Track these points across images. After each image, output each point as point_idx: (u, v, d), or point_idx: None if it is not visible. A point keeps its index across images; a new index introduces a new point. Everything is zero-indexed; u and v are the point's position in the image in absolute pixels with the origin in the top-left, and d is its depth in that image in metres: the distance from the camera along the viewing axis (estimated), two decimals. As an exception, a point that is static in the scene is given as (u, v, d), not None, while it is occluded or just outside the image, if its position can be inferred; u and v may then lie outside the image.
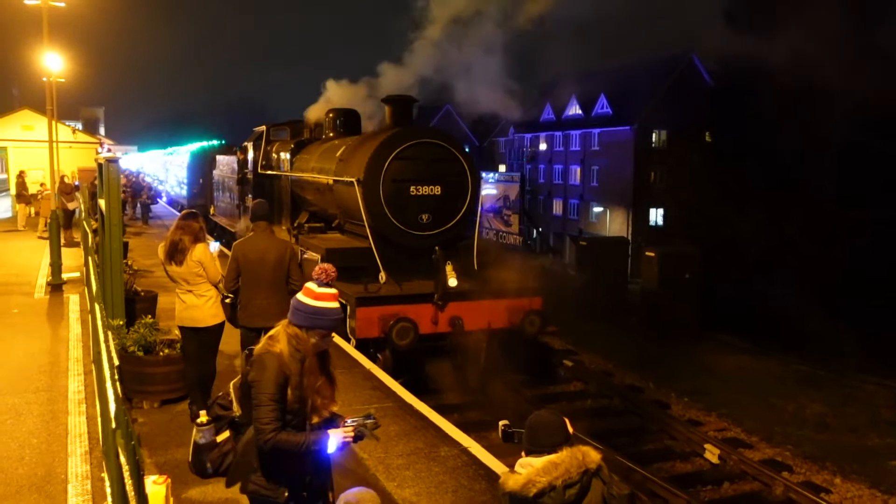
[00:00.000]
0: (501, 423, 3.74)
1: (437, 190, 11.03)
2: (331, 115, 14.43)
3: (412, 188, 10.93)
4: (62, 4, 16.30)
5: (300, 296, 3.43)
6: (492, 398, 11.74)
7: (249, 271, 6.42)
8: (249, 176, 17.18)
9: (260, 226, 6.58)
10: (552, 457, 2.82)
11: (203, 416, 3.29)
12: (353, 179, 10.92)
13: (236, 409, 3.33)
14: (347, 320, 10.18)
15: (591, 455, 2.85)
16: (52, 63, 16.90)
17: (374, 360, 9.75)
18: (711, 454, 11.82)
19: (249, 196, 17.03)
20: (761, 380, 17.52)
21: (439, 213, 11.06)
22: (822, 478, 11.73)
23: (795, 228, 25.80)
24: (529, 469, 2.83)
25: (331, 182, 12.10)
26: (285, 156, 15.15)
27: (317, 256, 11.21)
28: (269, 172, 16.06)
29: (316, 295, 3.37)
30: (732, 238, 27.19)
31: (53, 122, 16.94)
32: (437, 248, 10.34)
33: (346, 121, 14.22)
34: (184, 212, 7.19)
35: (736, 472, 11.44)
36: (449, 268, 10.28)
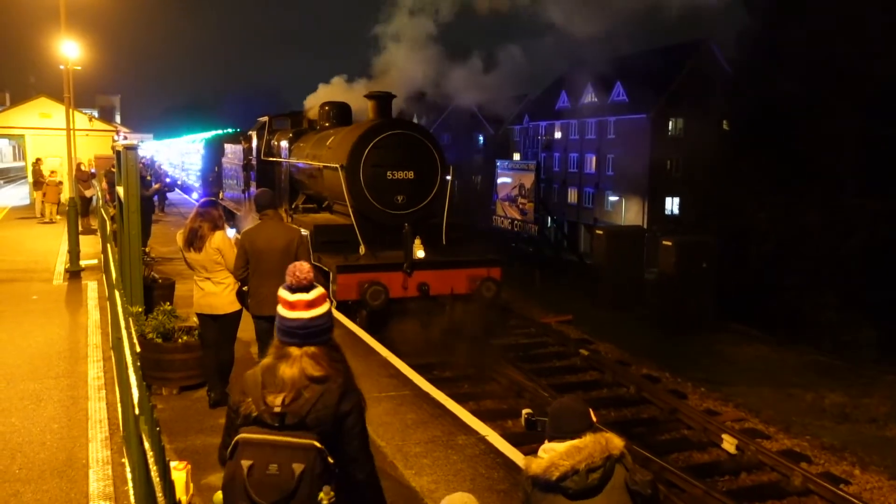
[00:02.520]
0: (524, 411, 3.72)
1: (411, 174, 12.65)
2: (326, 107, 16.01)
3: (389, 173, 12.55)
4: (79, -8, 16.36)
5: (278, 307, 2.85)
6: (455, 356, 13.34)
7: (257, 259, 6.39)
8: (253, 162, 18.69)
9: (268, 214, 6.54)
10: (575, 441, 2.84)
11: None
12: (337, 165, 12.51)
13: None
14: (329, 285, 11.57)
15: (615, 441, 2.86)
16: (70, 51, 16.92)
17: (354, 318, 11.24)
18: (729, 444, 11.76)
19: (253, 182, 18.59)
20: (779, 370, 17.38)
21: (413, 195, 12.67)
22: (841, 469, 11.63)
23: (814, 218, 25.50)
24: (552, 453, 2.84)
25: (321, 167, 13.65)
26: (284, 144, 16.70)
27: (306, 232, 12.61)
28: (270, 159, 17.59)
29: (289, 303, 2.78)
30: (750, 228, 26.95)
31: (71, 111, 16.96)
32: (406, 224, 11.85)
33: (339, 112, 15.78)
34: (203, 199, 7.20)
35: (754, 462, 11.36)
36: (417, 241, 11.95)
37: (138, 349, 3.59)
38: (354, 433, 2.73)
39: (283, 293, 2.78)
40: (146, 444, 2.60)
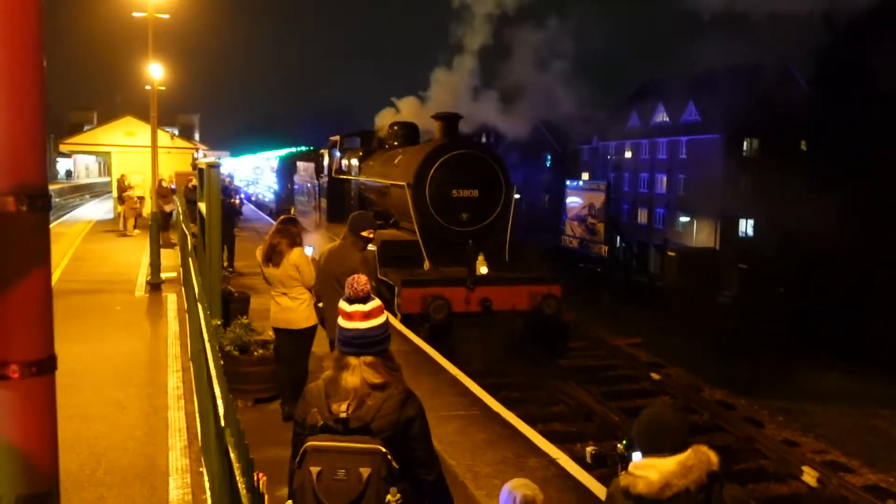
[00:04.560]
0: (589, 449, 3.65)
1: (476, 193, 12.96)
2: (395, 127, 16.55)
3: (454, 191, 12.87)
4: (166, 16, 17.10)
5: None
6: (514, 368, 13.53)
7: (323, 279, 6.50)
8: (325, 179, 19.24)
9: (346, 235, 6.60)
10: (681, 458, 2.69)
11: None
12: (404, 183, 12.89)
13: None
14: (395, 298, 11.85)
15: (713, 456, 2.73)
16: (155, 73, 17.69)
17: (417, 332, 11.37)
18: (810, 477, 11.25)
19: (324, 198, 19.14)
20: (862, 401, 16.58)
21: (477, 212, 12.98)
22: (931, 508, 10.99)
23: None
24: (662, 472, 2.68)
25: (389, 185, 14.08)
26: (355, 162, 17.33)
27: (374, 248, 12.72)
28: (341, 177, 18.16)
29: (347, 314, 2.86)
30: (830, 253, 25.93)
31: (155, 129, 17.69)
32: (469, 241, 12.14)
33: (406, 132, 16.30)
34: (282, 216, 7.39)
35: (836, 497, 10.84)
36: (480, 258, 12.20)
37: (222, 362, 3.67)
38: (422, 437, 2.81)
39: (341, 304, 2.89)
40: (232, 456, 2.63)
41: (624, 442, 3.06)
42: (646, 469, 2.71)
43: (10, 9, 0.99)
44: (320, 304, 6.70)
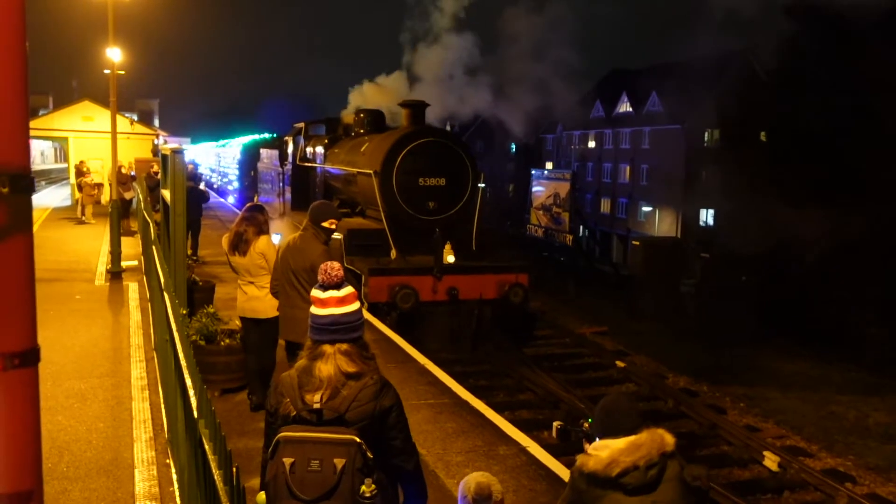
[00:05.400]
0: (556, 423, 3.75)
1: (442, 181, 12.89)
2: (361, 114, 16.34)
3: (420, 179, 12.79)
4: (126, -2, 16.63)
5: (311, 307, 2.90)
6: (481, 357, 13.72)
7: (285, 275, 5.88)
8: (289, 167, 19.04)
9: (306, 225, 5.96)
10: (633, 438, 2.87)
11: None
12: (371, 171, 12.77)
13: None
14: (361, 287, 11.72)
15: (668, 437, 2.94)
16: (114, 56, 17.22)
17: (384, 320, 11.32)
18: (771, 462, 11.50)
19: (288, 186, 18.92)
20: (821, 386, 16.98)
21: (444, 201, 12.92)
22: (888, 490, 11.30)
23: (858, 231, 24.93)
24: (611, 449, 2.86)
25: (355, 173, 13.95)
26: (320, 150, 17.07)
27: (340, 236, 12.84)
28: (305, 164, 17.94)
29: (321, 301, 2.82)
30: (789, 241, 26.44)
31: (115, 114, 17.25)
32: (436, 229, 11.99)
33: (373, 119, 16.10)
34: (249, 204, 7.26)
35: (797, 480, 11.08)
36: (447, 247, 12.22)
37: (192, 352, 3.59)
38: (400, 426, 2.81)
39: (315, 292, 2.85)
40: (207, 448, 2.57)
41: (590, 420, 3.20)
42: (599, 449, 2.91)
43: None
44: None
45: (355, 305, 2.85)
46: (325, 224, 5.88)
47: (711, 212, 41.69)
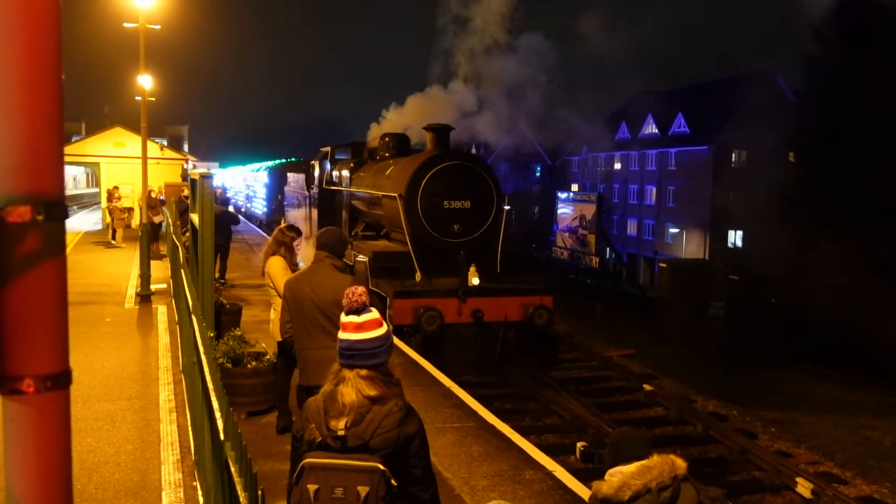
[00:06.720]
0: (580, 444, 3.81)
1: (467, 204, 12.99)
2: (386, 138, 16.45)
3: (445, 202, 12.89)
4: (158, 27, 17.06)
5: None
6: (506, 379, 13.79)
7: (299, 312, 5.22)
8: (315, 191, 19.17)
9: (319, 255, 5.31)
10: (644, 462, 2.94)
11: None
12: (396, 194, 12.89)
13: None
14: (386, 310, 11.78)
15: (678, 461, 2.99)
16: (145, 83, 17.62)
17: (409, 343, 11.47)
18: (804, 488, 11.23)
19: (315, 209, 19.02)
20: (854, 411, 16.59)
21: (468, 224, 13.00)
22: (925, 519, 10.99)
23: (889, 253, 24.47)
24: (623, 474, 2.92)
25: (380, 196, 14.04)
26: (346, 173, 17.23)
27: (365, 259, 13.17)
28: (331, 188, 18.10)
29: (342, 325, 2.83)
30: (819, 263, 26.02)
31: (145, 140, 17.59)
32: (461, 252, 12.11)
33: (397, 143, 16.22)
34: (284, 224, 7.35)
35: (831, 508, 10.82)
36: (472, 269, 12.26)
37: (219, 375, 3.62)
38: (421, 455, 2.78)
39: (340, 316, 2.88)
40: (233, 470, 2.58)
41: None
42: (612, 475, 2.98)
43: (29, 14, 0.96)
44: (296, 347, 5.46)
45: (375, 332, 2.81)
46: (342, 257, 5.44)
47: (740, 233, 41.27)
